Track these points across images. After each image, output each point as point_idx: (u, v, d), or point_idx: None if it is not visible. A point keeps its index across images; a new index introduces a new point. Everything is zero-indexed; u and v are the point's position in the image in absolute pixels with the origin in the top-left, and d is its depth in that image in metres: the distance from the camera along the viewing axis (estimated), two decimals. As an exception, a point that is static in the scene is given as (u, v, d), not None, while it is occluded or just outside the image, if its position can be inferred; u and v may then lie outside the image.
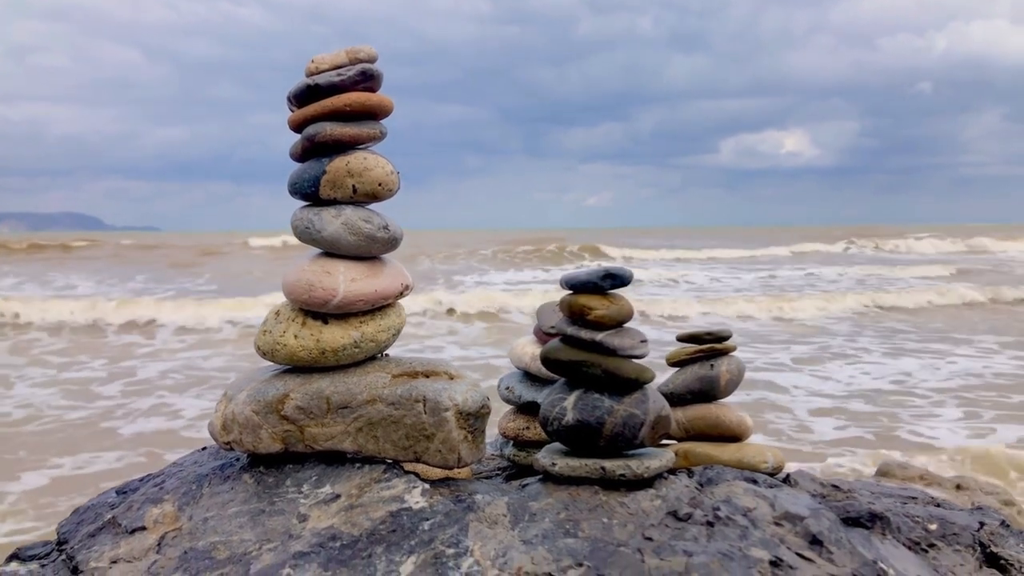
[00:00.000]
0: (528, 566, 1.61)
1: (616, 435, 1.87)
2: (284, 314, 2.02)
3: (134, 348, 10.95)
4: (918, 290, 16.97)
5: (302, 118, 1.98)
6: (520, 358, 2.31)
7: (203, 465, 2.11)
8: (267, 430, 1.95)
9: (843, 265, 25.92)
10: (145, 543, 1.84)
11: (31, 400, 7.71)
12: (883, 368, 9.07)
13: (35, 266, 25.15)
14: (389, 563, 1.65)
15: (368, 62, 1.98)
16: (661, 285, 20.43)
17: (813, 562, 1.64)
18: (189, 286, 19.65)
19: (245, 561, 1.70)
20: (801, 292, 17.27)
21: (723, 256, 31.76)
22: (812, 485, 2.10)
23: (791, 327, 12.79)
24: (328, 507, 1.83)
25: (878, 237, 42.33)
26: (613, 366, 1.88)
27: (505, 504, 1.82)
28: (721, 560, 1.60)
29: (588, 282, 1.91)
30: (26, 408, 7.42)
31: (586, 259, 29.40)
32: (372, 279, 1.99)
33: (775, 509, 1.79)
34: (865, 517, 1.87)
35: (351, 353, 1.98)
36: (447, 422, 1.91)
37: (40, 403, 7.53)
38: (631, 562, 1.60)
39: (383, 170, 1.97)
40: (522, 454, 2.26)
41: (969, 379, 8.35)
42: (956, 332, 11.80)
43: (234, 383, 2.08)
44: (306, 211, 2.01)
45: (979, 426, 6.59)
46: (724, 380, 2.23)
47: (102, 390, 8.11)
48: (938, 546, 1.96)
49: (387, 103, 1.99)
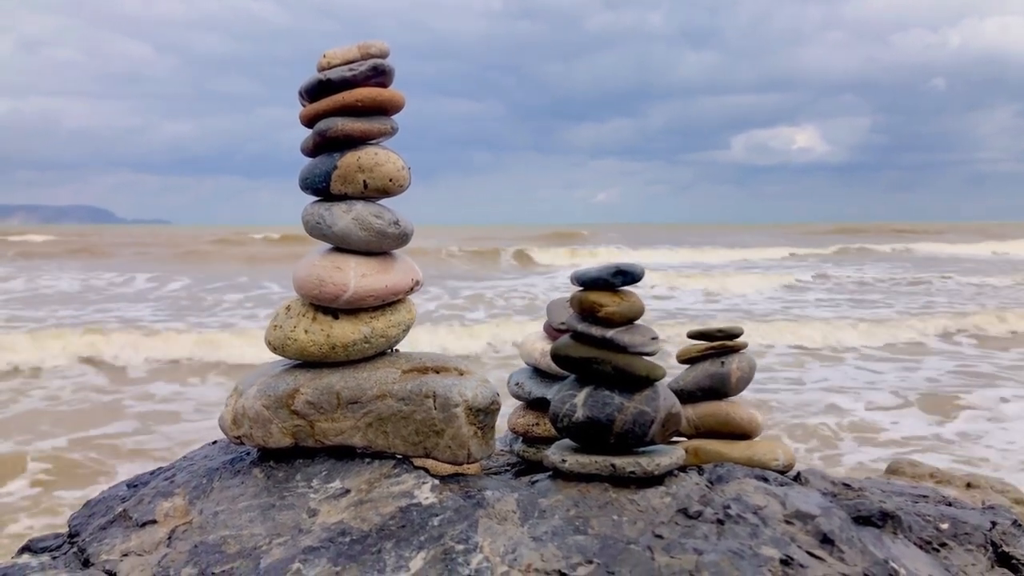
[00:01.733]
0: (538, 563, 1.61)
1: (626, 432, 1.86)
2: (295, 309, 2.02)
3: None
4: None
5: (313, 113, 1.98)
6: (530, 354, 2.31)
7: (213, 459, 2.12)
8: (277, 425, 1.96)
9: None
10: (156, 536, 1.84)
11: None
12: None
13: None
14: (399, 558, 1.66)
15: (380, 57, 1.98)
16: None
17: (824, 561, 1.64)
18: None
19: (255, 555, 1.71)
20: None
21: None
22: (823, 483, 2.09)
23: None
24: (338, 502, 1.84)
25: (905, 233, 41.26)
26: (624, 363, 1.88)
27: (515, 500, 1.82)
28: (731, 558, 1.59)
29: (599, 278, 1.90)
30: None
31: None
32: (383, 274, 1.99)
33: (786, 507, 1.78)
34: (876, 516, 1.86)
35: (361, 348, 1.98)
36: (457, 418, 1.91)
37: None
38: (641, 560, 1.60)
39: (394, 165, 1.97)
40: (531, 450, 2.26)
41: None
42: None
43: (245, 378, 2.08)
44: (317, 206, 2.01)
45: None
46: (735, 377, 2.22)
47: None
48: (950, 545, 1.95)
49: (398, 98, 1.99)
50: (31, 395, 7.96)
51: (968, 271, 22.52)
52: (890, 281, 20.42)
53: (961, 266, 24.60)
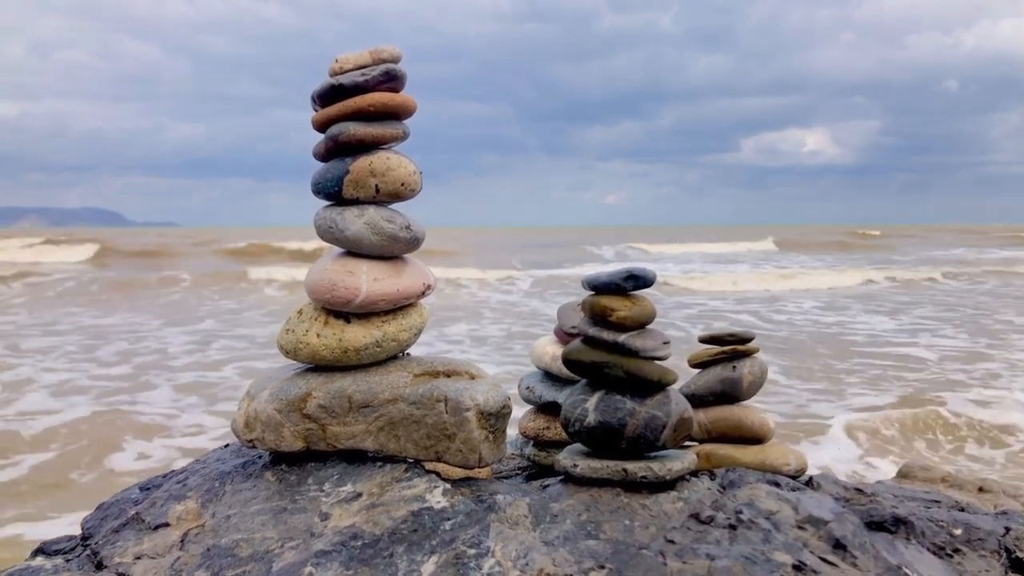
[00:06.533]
0: (550, 567, 1.61)
1: (638, 437, 1.86)
2: (307, 313, 2.03)
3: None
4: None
5: (326, 118, 1.98)
6: (541, 358, 2.31)
7: (226, 463, 2.13)
8: (289, 428, 1.96)
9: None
10: (168, 539, 1.85)
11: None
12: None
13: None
14: (410, 563, 1.66)
15: (392, 62, 1.98)
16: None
17: (837, 566, 1.63)
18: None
19: (267, 559, 1.71)
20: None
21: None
22: (835, 488, 2.08)
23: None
24: (350, 506, 1.84)
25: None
26: (635, 367, 1.88)
27: (526, 505, 1.82)
28: (744, 564, 1.59)
29: (610, 283, 1.90)
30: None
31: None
32: (394, 279, 1.99)
33: (798, 512, 1.78)
34: (889, 521, 1.85)
35: (373, 352, 1.99)
36: (468, 422, 1.91)
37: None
38: (653, 565, 1.60)
39: (406, 170, 1.98)
40: (542, 454, 2.26)
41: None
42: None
43: (257, 381, 2.09)
44: (329, 210, 2.01)
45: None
46: (747, 382, 2.21)
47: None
48: (963, 551, 1.94)
49: (410, 103, 1.99)
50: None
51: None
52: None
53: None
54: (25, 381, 8.34)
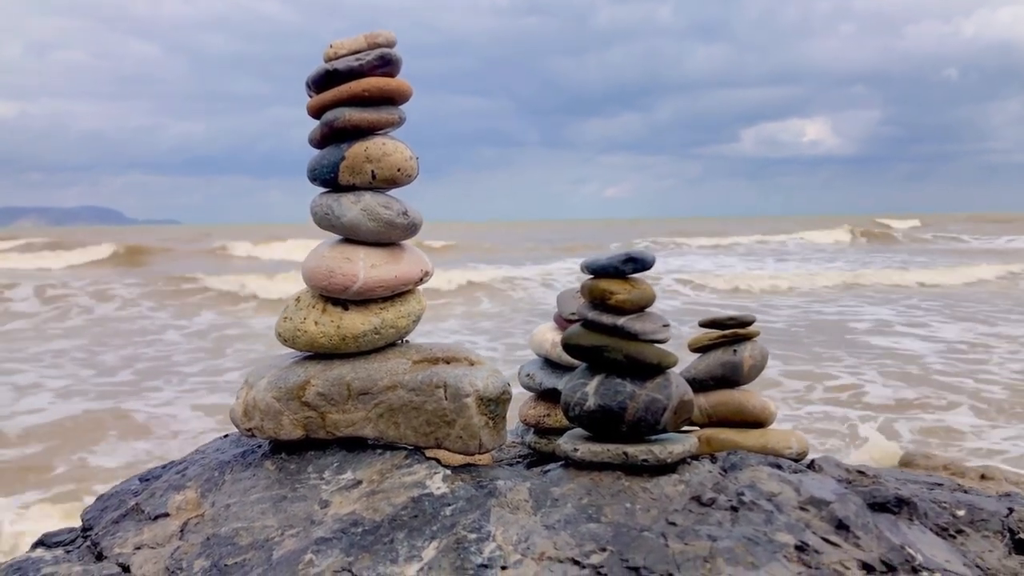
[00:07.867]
0: (551, 551, 1.60)
1: (638, 420, 1.85)
2: (304, 301, 2.02)
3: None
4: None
5: (321, 104, 1.97)
6: (541, 345, 2.30)
7: (225, 452, 2.12)
8: (288, 416, 1.95)
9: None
10: (168, 529, 1.84)
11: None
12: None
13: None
14: (411, 548, 1.65)
15: (387, 47, 1.97)
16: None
17: (839, 547, 1.62)
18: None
19: (267, 547, 1.71)
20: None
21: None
22: (837, 471, 2.07)
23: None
24: (350, 493, 1.83)
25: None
26: (635, 351, 1.87)
27: (527, 489, 1.81)
28: (746, 544, 1.58)
29: (609, 266, 1.89)
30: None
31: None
32: (392, 265, 1.98)
33: (800, 494, 1.77)
34: (892, 502, 1.84)
35: (371, 339, 1.98)
36: (468, 408, 1.90)
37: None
38: (655, 547, 1.59)
39: (402, 155, 1.96)
40: (543, 441, 2.25)
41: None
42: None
43: (255, 370, 2.08)
44: (325, 197, 2.00)
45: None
46: (747, 366, 2.20)
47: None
48: (966, 532, 1.93)
49: (406, 88, 1.98)
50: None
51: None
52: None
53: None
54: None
